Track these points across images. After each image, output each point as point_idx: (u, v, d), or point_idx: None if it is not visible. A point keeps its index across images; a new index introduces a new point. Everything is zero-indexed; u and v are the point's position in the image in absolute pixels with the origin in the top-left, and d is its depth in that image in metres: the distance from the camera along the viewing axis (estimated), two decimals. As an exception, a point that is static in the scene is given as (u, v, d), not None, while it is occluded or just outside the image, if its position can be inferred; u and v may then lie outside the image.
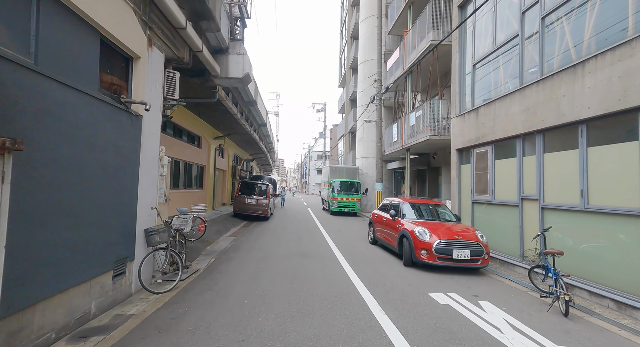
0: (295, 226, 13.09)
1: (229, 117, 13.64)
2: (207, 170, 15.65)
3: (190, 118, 12.74)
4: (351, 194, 18.27)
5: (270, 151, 31.96)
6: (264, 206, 14.40)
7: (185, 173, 13.00)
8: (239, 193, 14.57)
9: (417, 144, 12.82)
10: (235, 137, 19.81)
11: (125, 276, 4.30)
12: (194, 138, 14.07)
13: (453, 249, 6.08)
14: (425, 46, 11.96)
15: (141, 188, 4.65)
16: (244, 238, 9.73)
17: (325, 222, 14.74)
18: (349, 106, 30.16)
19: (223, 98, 10.10)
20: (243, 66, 8.48)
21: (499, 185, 7.25)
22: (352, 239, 10.05)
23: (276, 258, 7.00)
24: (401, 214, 7.61)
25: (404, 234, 6.82)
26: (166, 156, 5.99)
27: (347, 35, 31.11)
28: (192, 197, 13.54)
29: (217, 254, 7.50)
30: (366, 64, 21.48)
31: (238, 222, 13.50)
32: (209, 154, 15.82)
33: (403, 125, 14.36)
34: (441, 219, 7.55)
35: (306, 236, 10.32)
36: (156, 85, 5.12)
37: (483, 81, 8.16)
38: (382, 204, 9.17)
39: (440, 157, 14.66)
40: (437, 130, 11.60)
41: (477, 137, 7.95)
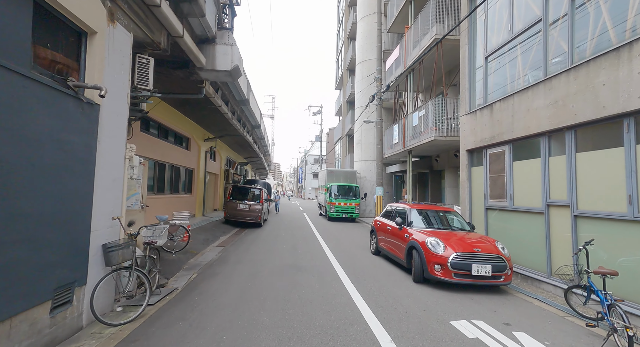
0: (291, 233, 12.20)
1: (219, 118, 12.78)
2: (196, 174, 14.74)
3: (177, 117, 11.85)
4: (349, 199, 17.43)
5: (265, 155, 31.08)
6: (257, 212, 13.50)
7: (171, 177, 12.08)
8: (230, 198, 13.66)
9: (420, 146, 12.04)
10: (228, 139, 18.93)
11: (72, 306, 3.40)
12: (181, 139, 13.17)
13: (472, 264, 5.24)
14: (429, 41, 11.22)
15: (98, 193, 3.76)
16: (234, 248, 8.82)
17: (322, 229, 13.86)
18: (346, 108, 29.43)
19: (211, 95, 9.24)
20: (232, 57, 7.64)
21: (519, 189, 6.45)
22: (352, 249, 9.18)
23: (267, 274, 6.11)
24: (408, 222, 6.77)
25: (414, 246, 5.97)
26: (137, 156, 5.11)
27: (344, 36, 30.49)
28: (179, 203, 12.61)
29: (201, 268, 6.59)
30: (364, 64, 20.78)
31: (229, 229, 12.57)
32: (198, 157, 14.91)
33: (404, 126, 13.59)
34: (453, 228, 6.72)
35: (302, 245, 9.43)
36: (121, 71, 4.25)
37: (497, 74, 7.39)
38: (386, 211, 8.33)
39: (444, 159, 13.89)
40: (442, 130, 10.83)
41: (492, 136, 7.16)
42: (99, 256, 3.80)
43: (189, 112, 12.18)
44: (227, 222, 13.92)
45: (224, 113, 11.39)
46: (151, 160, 10.20)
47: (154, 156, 10.23)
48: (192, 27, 6.84)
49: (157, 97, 8.73)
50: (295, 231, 12.95)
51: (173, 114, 11.44)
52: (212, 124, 14.22)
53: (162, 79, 8.23)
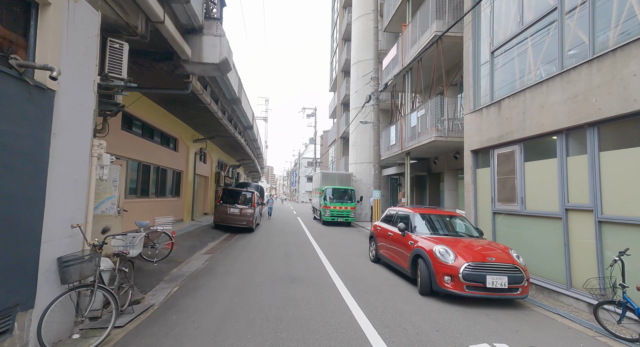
0: (284, 238, 11.57)
1: (209, 117, 12.15)
2: (185, 177, 14.04)
3: (163, 116, 11.19)
4: (345, 202, 16.87)
5: (258, 157, 30.42)
6: (248, 216, 12.85)
7: (157, 179, 11.39)
8: (220, 202, 13.00)
9: (419, 147, 11.56)
10: (219, 141, 18.26)
11: (13, 336, 2.76)
12: (168, 140, 12.49)
13: (486, 275, 4.70)
14: (429, 38, 10.79)
15: (52, 197, 3.14)
16: (222, 256, 8.17)
17: (316, 233, 13.26)
18: (341, 110, 28.99)
19: (199, 91, 8.62)
20: (220, 49, 7.06)
21: (532, 192, 5.96)
22: (350, 256, 8.60)
23: (258, 286, 5.50)
24: (412, 228, 6.22)
25: (419, 254, 5.42)
26: (108, 154, 4.48)
27: (339, 38, 30.13)
28: (166, 207, 11.90)
29: (184, 279, 5.94)
30: (359, 65, 20.35)
31: (218, 234, 11.90)
32: (187, 159, 14.22)
33: (402, 127, 13.12)
34: (460, 234, 6.19)
35: (296, 253, 8.82)
36: (85, 54, 3.64)
37: (505, 70, 6.93)
38: (386, 215, 7.78)
39: (443, 162, 13.44)
40: (443, 131, 10.36)
41: (500, 136, 6.68)
42: (52, 272, 3.16)
43: (176, 111, 11.53)
44: (217, 227, 13.24)
45: (214, 112, 10.77)
46: (134, 161, 9.52)
47: (137, 157, 9.55)
48: (176, 15, 6.24)
49: (139, 93, 8.10)
50: (289, 236, 12.33)
51: (159, 112, 10.78)
52: (201, 124, 13.57)
53: (145, 72, 7.59)
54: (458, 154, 11.99)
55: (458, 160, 12.05)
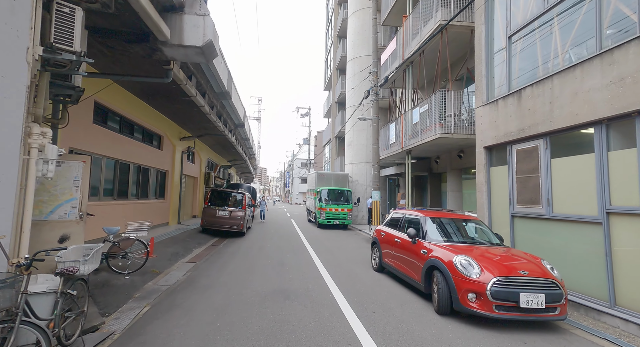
0: (277, 243, 10.70)
1: (196, 113, 11.25)
2: (170, 177, 13.08)
3: (145, 111, 10.26)
4: (341, 204, 16.05)
5: (250, 157, 29.48)
6: (238, 219, 11.96)
7: (138, 179, 10.44)
8: (209, 204, 12.08)
9: (422, 145, 10.81)
10: (208, 139, 17.33)
11: None
12: (151, 137, 11.54)
13: (519, 292, 3.91)
14: (433, 28, 10.05)
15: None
16: (207, 265, 7.28)
17: (312, 237, 12.41)
18: (336, 109, 28.23)
19: (182, 81, 7.74)
20: (204, 30, 6.19)
21: (560, 193, 5.21)
22: (349, 263, 7.78)
23: (245, 305, 4.64)
24: (423, 234, 5.42)
25: (435, 266, 4.61)
26: (55, 146, 3.58)
27: (334, 35, 29.41)
28: (148, 210, 10.95)
29: (159, 296, 5.05)
30: (356, 61, 19.59)
31: (206, 239, 10.97)
32: (173, 158, 13.27)
33: (403, 125, 12.36)
34: (479, 241, 5.41)
35: (290, 260, 7.97)
36: (11, 10, 2.77)
37: (526, 55, 6.19)
38: (392, 219, 6.97)
39: (445, 161, 12.72)
40: (448, 127, 9.62)
41: (520, 129, 5.93)
42: (-49, 305, 2.28)
43: (159, 105, 10.60)
44: (205, 231, 12.31)
45: (200, 106, 9.88)
46: (110, 159, 8.57)
47: (113, 154, 8.61)
48: (151, -13, 5.37)
49: (111, 80, 7.18)
50: (283, 240, 11.46)
51: (140, 106, 9.85)
52: (188, 120, 12.65)
53: (119, 57, 6.69)
54: (462, 153, 11.27)
55: (462, 159, 11.33)
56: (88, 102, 7.35)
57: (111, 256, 5.69)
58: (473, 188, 11.26)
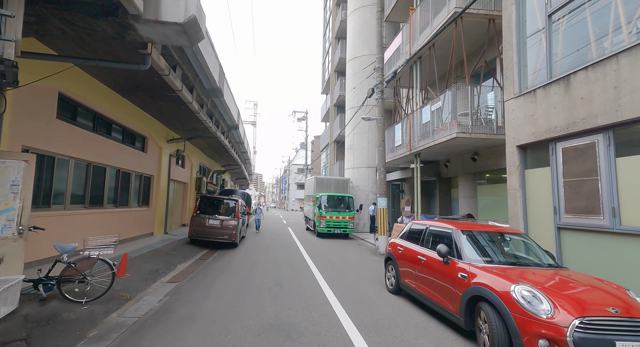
0: (273, 256, 9.53)
1: (184, 111, 10.16)
2: (156, 182, 11.90)
3: (125, 108, 9.14)
4: (342, 212, 14.93)
5: (245, 162, 28.33)
6: (230, 229, 10.79)
7: (117, 185, 9.26)
8: (197, 212, 10.91)
9: (433, 147, 9.79)
10: (200, 142, 16.21)
11: None
12: (134, 137, 10.39)
13: (615, 341, 2.81)
14: (446, 17, 9.10)
15: None
16: (191, 286, 6.11)
17: (312, 249, 11.26)
18: (334, 113, 27.29)
19: (163, 70, 6.65)
20: (186, 4, 5.13)
21: (632, 201, 4.16)
22: (359, 282, 6.65)
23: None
24: (458, 252, 4.32)
25: (483, 296, 3.51)
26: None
27: (331, 37, 28.63)
28: (129, 219, 9.75)
29: (121, 335, 3.88)
30: (356, 61, 18.67)
31: (193, 252, 9.78)
32: (159, 161, 12.11)
33: (410, 125, 11.35)
34: (528, 261, 4.32)
35: (289, 279, 6.82)
36: None
37: (572, 35, 5.20)
38: (410, 231, 5.87)
39: (456, 165, 11.70)
40: (466, 126, 8.61)
41: (570, 123, 4.90)
42: None
43: (142, 101, 9.49)
44: (193, 242, 11.11)
45: (188, 103, 8.77)
46: (80, 161, 7.41)
47: (85, 156, 7.45)
48: (116, -58, 4.32)
49: (72, 64, 6.06)
50: (279, 252, 10.28)
51: (118, 102, 8.73)
52: (176, 120, 11.54)
53: (85, 38, 5.60)
54: (477, 155, 10.27)
55: (477, 162, 10.33)
56: (50, 93, 6.22)
57: (65, 280, 4.52)
58: (490, 194, 10.23)
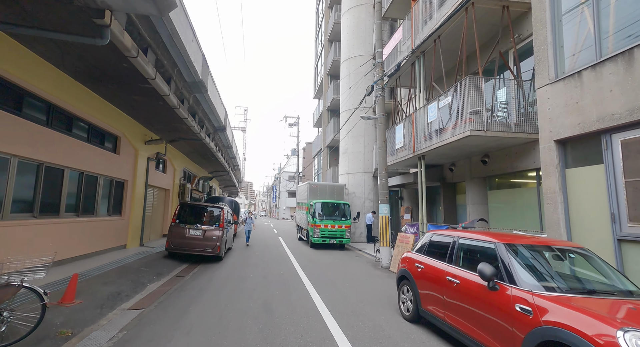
0: (262, 272, 8.31)
1: (162, 108, 8.99)
2: (130, 188, 10.60)
3: (92, 101, 7.92)
4: (338, 220, 13.79)
5: (234, 169, 27.03)
6: (214, 240, 9.55)
7: (78, 190, 7.95)
8: (176, 221, 9.65)
9: (441, 148, 8.82)
10: (184, 146, 14.97)
11: None
12: (102, 136, 9.12)
13: None
14: (455, 4, 8.23)
15: None
16: (158, 315, 4.87)
17: (306, 262, 10.06)
18: (327, 117, 26.35)
19: (129, 50, 5.49)
20: (151, -44, 4.05)
21: None
22: (366, 307, 5.50)
23: None
24: (509, 275, 3.22)
25: (565, 344, 2.41)
26: None
27: (324, 40, 27.89)
28: (95, 230, 8.43)
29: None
30: (351, 62, 17.80)
31: (170, 267, 8.49)
32: (135, 164, 10.83)
33: (414, 125, 10.39)
34: (608, 288, 3.23)
35: (281, 302, 5.62)
36: None
37: (627, 5, 4.27)
38: (432, 243, 4.77)
39: (463, 169, 10.74)
40: (481, 123, 7.65)
41: (634, 109, 3.93)
42: None
43: (112, 94, 8.28)
44: (172, 255, 9.82)
45: (164, 95, 7.60)
46: (27, 161, 6.13)
47: (33, 154, 6.17)
48: None
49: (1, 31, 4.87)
50: (270, 267, 9.06)
51: (82, 94, 7.52)
52: (154, 118, 10.33)
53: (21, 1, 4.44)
54: (488, 158, 9.32)
55: (488, 165, 9.37)
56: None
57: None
58: (504, 200, 9.24)
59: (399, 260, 5.53)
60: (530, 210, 8.08)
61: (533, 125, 7.63)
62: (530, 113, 7.70)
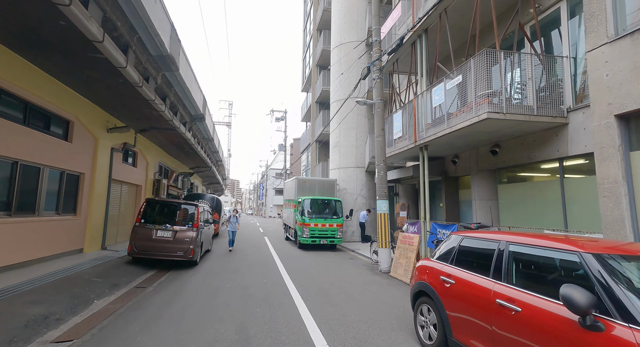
0: (243, 280, 7.00)
1: (125, 88, 7.57)
2: (88, 183, 9.09)
3: (31, 76, 6.43)
4: (329, 218, 12.57)
5: (217, 164, 25.44)
6: (186, 243, 8.19)
7: (11, 183, 6.45)
8: (142, 221, 8.23)
9: (449, 136, 7.72)
10: (158, 137, 13.45)
11: None
12: (47, 120, 7.60)
13: None
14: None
15: None
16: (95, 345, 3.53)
17: (294, 266, 8.78)
18: (316, 110, 25.08)
19: None
20: None
21: None
22: (369, 328, 4.29)
23: None
24: (617, 306, 2.04)
25: None
26: None
27: (313, 29, 26.58)
28: (34, 233, 6.94)
29: None
30: (342, 48, 16.55)
31: (132, 275, 7.08)
32: (94, 155, 9.31)
33: (415, 112, 9.24)
34: None
35: (262, 325, 4.34)
36: None
37: None
38: (461, 249, 3.57)
39: (468, 161, 9.66)
40: (499, 105, 6.53)
41: None
42: None
43: (60, 68, 6.79)
44: (139, 261, 8.39)
45: (120, 66, 6.17)
46: None
47: None
48: None
49: None
50: (252, 273, 7.74)
51: (15, 64, 6.02)
52: (116, 101, 8.84)
53: None
54: (498, 148, 8.26)
55: (499, 156, 8.32)
56: None
57: None
58: (518, 195, 8.20)
59: (413, 269, 4.34)
60: (552, 206, 7.04)
61: (557, 108, 6.57)
62: (553, 94, 6.64)
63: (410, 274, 7.15)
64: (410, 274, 7.12)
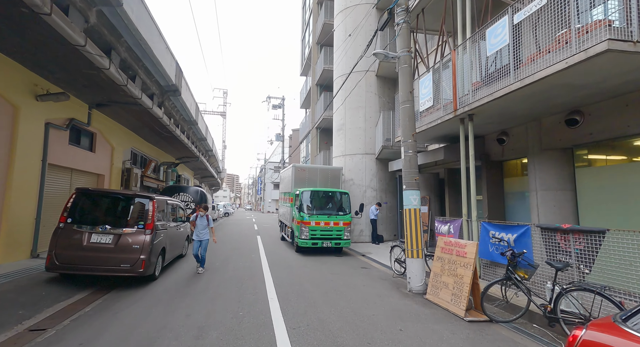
0: (205, 311, 4.49)
1: (50, 31, 5.03)
2: (3, 168, 6.56)
3: None
4: (334, 215, 10.05)
5: (206, 154, 22.86)
6: (135, 251, 5.73)
7: None
8: (67, 220, 5.73)
9: (514, 95, 5.19)
10: (125, 116, 10.92)
11: None
12: None
13: None
14: None
15: None
16: None
17: (288, 282, 6.26)
18: (317, 94, 22.50)
19: None
20: None
21: None
22: None
23: None
24: None
25: None
26: None
27: (312, 3, 23.85)
28: None
29: None
30: (347, 12, 13.89)
31: (39, 304, 4.58)
32: (13, 130, 6.78)
33: (455, 70, 6.67)
34: None
35: None
36: None
37: None
38: None
39: (523, 137, 7.12)
40: (625, 29, 3.97)
41: None
42: None
43: None
44: (66, 277, 5.90)
45: None
46: None
47: None
48: None
49: None
50: (224, 299, 5.21)
51: None
52: (41, 53, 6.32)
53: None
54: (580, 115, 5.75)
55: (580, 127, 5.80)
56: None
57: None
58: (617, 183, 5.67)
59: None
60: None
61: None
62: None
63: (464, 302, 4.63)
64: (466, 303, 4.60)
